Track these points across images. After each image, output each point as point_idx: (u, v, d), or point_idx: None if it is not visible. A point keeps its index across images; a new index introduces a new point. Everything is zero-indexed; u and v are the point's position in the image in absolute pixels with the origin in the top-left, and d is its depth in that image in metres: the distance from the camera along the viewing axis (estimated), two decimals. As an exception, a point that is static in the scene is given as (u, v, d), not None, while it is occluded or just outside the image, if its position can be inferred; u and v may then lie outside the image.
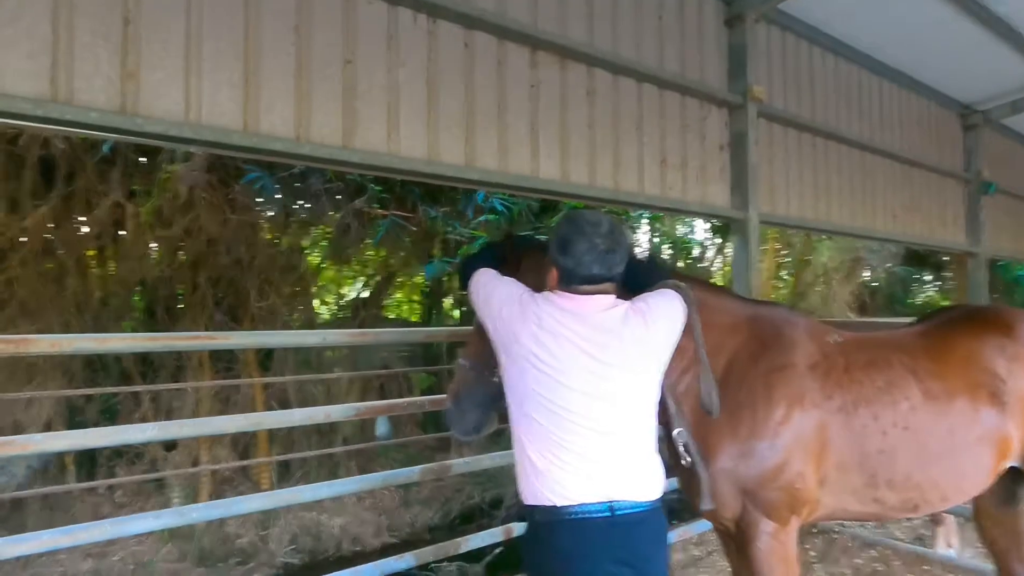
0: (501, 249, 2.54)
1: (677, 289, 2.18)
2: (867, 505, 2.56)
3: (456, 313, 9.02)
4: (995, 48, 6.37)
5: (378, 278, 7.33)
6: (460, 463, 3.50)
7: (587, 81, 4.23)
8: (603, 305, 1.99)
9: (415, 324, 9.16)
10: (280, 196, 5.42)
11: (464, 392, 2.43)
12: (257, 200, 5.52)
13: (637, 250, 2.72)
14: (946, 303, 14.84)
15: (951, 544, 4.72)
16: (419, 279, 8.88)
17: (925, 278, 14.35)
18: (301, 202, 5.69)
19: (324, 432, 6.69)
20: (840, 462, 2.49)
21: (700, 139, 4.94)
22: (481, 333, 2.42)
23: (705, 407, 2.24)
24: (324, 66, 3.17)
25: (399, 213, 5.88)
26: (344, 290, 7.77)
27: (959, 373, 2.54)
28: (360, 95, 3.29)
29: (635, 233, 7.42)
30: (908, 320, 3.55)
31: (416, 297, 9.08)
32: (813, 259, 10.58)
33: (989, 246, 8.14)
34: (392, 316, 8.49)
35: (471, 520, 6.82)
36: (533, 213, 6.00)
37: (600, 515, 1.83)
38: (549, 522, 1.86)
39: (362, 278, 7.41)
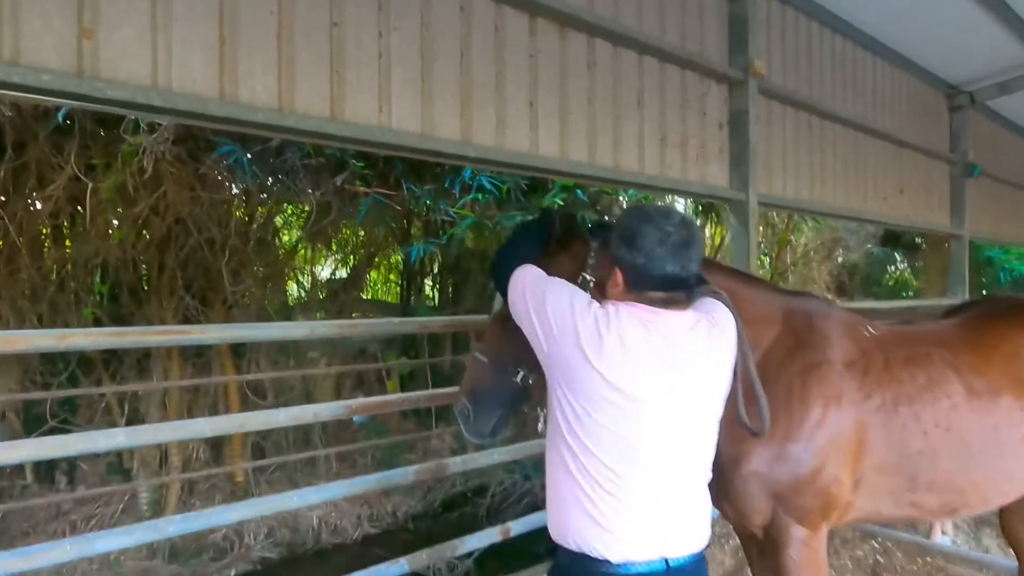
0: (541, 231, 2.30)
1: (717, 297, 1.94)
2: (903, 508, 2.42)
3: (434, 295, 8.75)
4: (987, 27, 6.26)
5: (358, 258, 7.00)
6: (457, 462, 3.28)
7: (587, 52, 3.97)
8: (688, 323, 1.75)
9: (392, 305, 8.87)
10: (255, 171, 5.04)
11: (480, 391, 2.20)
12: (230, 175, 5.14)
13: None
14: (915, 283, 15.02)
15: (944, 532, 4.70)
16: (396, 258, 8.58)
17: (898, 259, 14.50)
18: (278, 178, 5.32)
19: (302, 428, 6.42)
20: (878, 464, 2.34)
21: (700, 116, 4.72)
22: (504, 325, 2.18)
23: (756, 429, 1.97)
24: (309, 29, 2.86)
25: (382, 191, 5.56)
26: (319, 271, 7.41)
27: (1003, 369, 2.40)
28: (349, 63, 2.99)
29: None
30: (907, 304, 3.39)
31: (393, 277, 8.77)
32: (794, 239, 10.54)
33: (971, 228, 8.14)
34: (369, 297, 8.19)
35: (454, 508, 6.64)
36: (522, 192, 5.75)
37: (655, 573, 1.62)
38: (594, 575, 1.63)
39: (340, 258, 7.06)
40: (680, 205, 9.59)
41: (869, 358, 2.39)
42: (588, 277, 2.27)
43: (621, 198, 6.57)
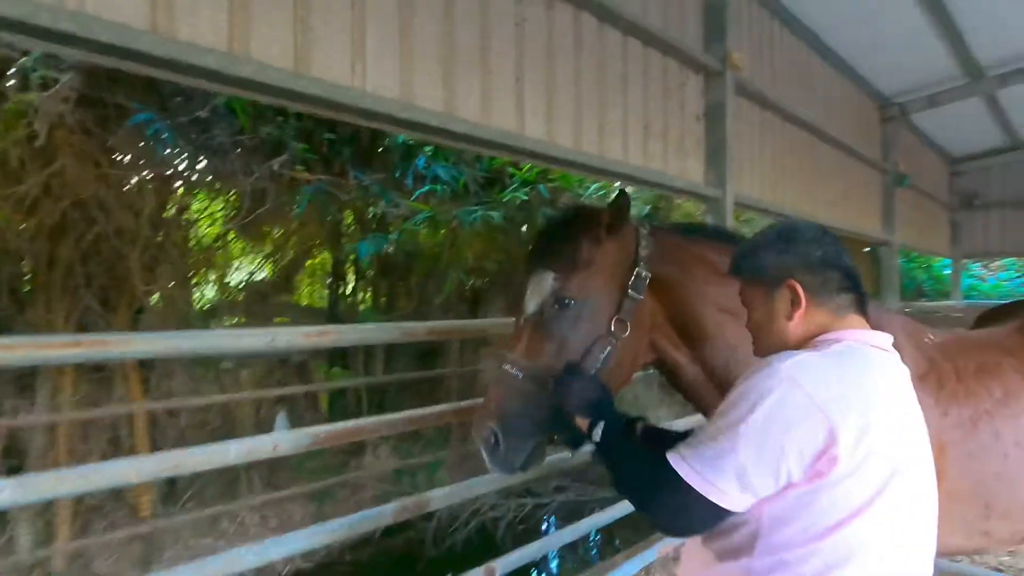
0: (590, 217, 1.85)
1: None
2: (973, 539, 2.12)
3: (365, 297, 8.07)
4: (927, 40, 6.39)
5: (291, 255, 6.25)
6: (440, 496, 2.76)
7: (574, 26, 3.58)
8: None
9: (318, 311, 8.12)
10: (178, 147, 4.26)
11: (512, 414, 1.73)
12: (147, 151, 4.31)
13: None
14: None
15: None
16: (325, 257, 7.85)
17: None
18: (204, 158, 4.53)
19: (220, 439, 5.58)
20: (952, 490, 2.02)
21: (679, 107, 4.43)
22: (542, 328, 1.75)
23: None
24: (269, -42, 2.29)
25: (327, 178, 4.90)
26: (242, 269, 6.57)
27: None
28: (315, 7, 2.43)
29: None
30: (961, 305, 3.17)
31: (321, 275, 8.01)
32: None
33: (900, 236, 8.39)
34: (298, 301, 7.42)
35: (395, 533, 6.02)
36: (480, 185, 5.26)
37: None
38: None
39: (268, 255, 6.27)
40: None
41: (939, 369, 2.08)
42: (643, 273, 1.86)
43: (583, 197, 6.24)
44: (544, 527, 7.04)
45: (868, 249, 10.52)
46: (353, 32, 2.55)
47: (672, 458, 1.26)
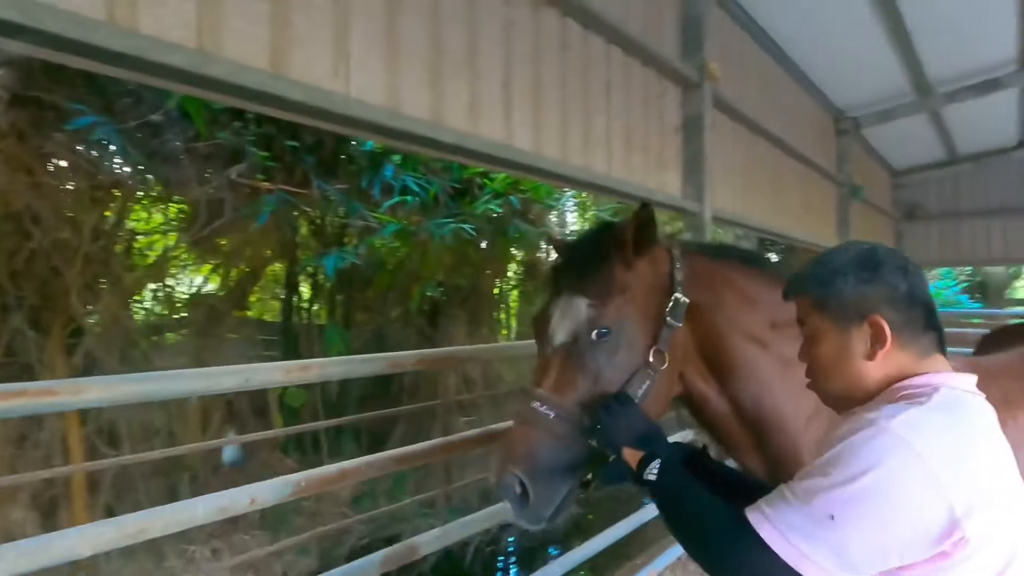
0: (618, 234, 1.66)
1: None
2: None
3: (320, 312, 7.69)
4: (883, 56, 6.53)
5: (244, 268, 5.83)
6: (431, 538, 2.52)
7: (560, 31, 3.42)
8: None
9: (272, 324, 7.69)
10: (127, 153, 3.84)
11: (543, 459, 1.51)
12: (89, 158, 3.87)
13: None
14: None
15: None
16: (276, 268, 7.44)
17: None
18: (156, 166, 4.10)
19: (167, 470, 5.14)
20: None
21: (658, 118, 4.33)
22: (576, 359, 1.56)
23: None
24: (245, -55, 2.03)
25: (288, 188, 4.56)
26: (185, 283, 6.09)
27: None
28: (296, 4, 2.18)
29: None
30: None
31: (274, 288, 7.59)
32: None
33: (854, 247, 8.56)
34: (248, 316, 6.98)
35: (359, 561, 5.67)
36: (450, 196, 5.02)
37: None
38: None
39: (215, 267, 5.83)
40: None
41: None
42: (682, 299, 1.68)
43: (553, 210, 6.09)
44: (511, 549, 6.83)
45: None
46: (336, 30, 2.30)
47: (753, 516, 1.09)
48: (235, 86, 1.96)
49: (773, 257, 12.84)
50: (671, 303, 1.67)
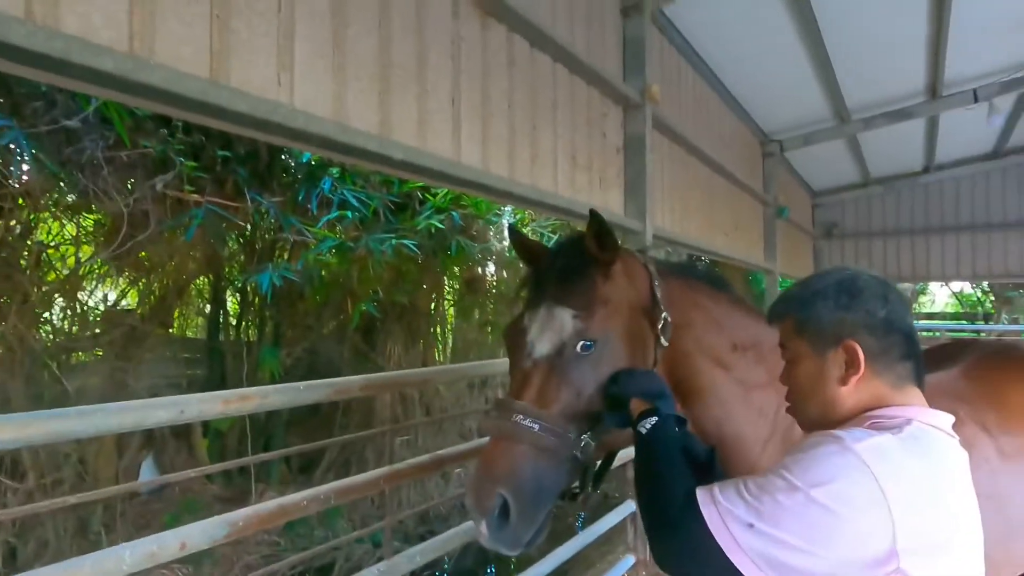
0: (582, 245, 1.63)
1: None
2: None
3: (249, 328, 7.34)
4: (808, 83, 6.88)
5: (167, 283, 5.46)
6: (375, 572, 2.38)
7: (507, 47, 3.39)
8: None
9: (197, 341, 7.27)
10: (39, 161, 3.48)
11: (528, 476, 1.42)
12: None
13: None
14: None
15: None
16: (203, 284, 7.07)
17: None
18: (72, 175, 3.75)
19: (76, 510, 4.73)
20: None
21: (601, 137, 4.36)
22: (559, 369, 1.50)
23: None
24: (182, -57, 1.88)
25: (218, 200, 4.29)
26: (99, 299, 5.64)
27: (1023, 424, 2.18)
28: (238, 9, 2.05)
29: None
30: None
31: (199, 304, 7.19)
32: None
33: (780, 264, 8.93)
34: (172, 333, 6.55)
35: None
36: (391, 211, 4.86)
37: None
38: None
39: (132, 281, 5.42)
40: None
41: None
42: (668, 318, 1.66)
43: (493, 228, 6.03)
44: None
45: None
46: (280, 38, 2.18)
47: (702, 495, 1.10)
48: (171, 94, 1.80)
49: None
50: (662, 322, 1.64)
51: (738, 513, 1.04)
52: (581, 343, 1.52)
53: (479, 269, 7.37)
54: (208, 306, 6.88)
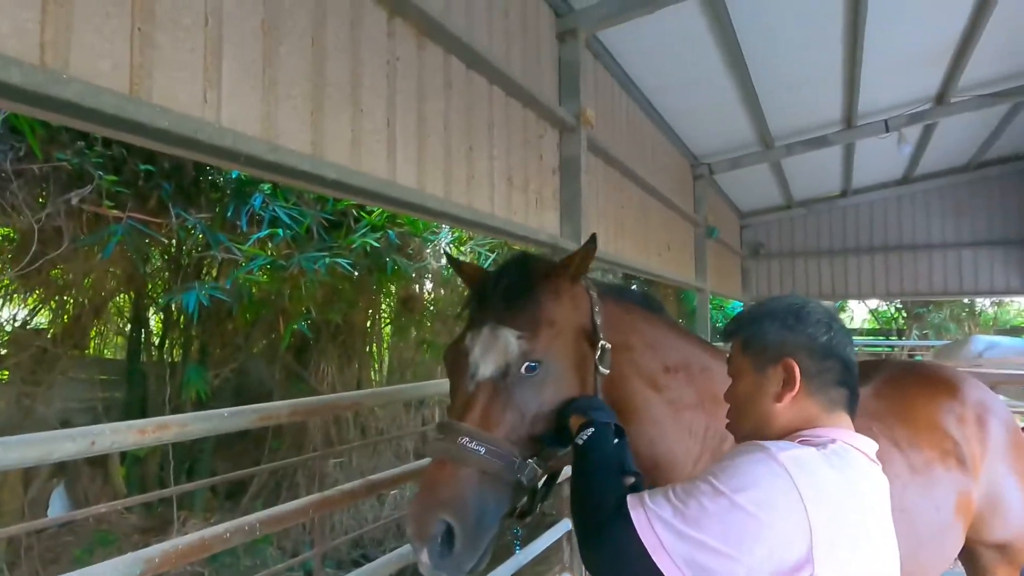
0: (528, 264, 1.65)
1: None
2: None
3: (173, 349, 7.01)
4: (734, 109, 7.19)
5: (83, 302, 5.13)
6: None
7: (444, 69, 3.40)
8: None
9: (116, 362, 6.90)
10: None
11: (475, 499, 1.39)
12: None
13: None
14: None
15: None
16: (122, 302, 6.73)
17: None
18: None
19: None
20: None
21: (538, 159, 4.41)
22: (504, 391, 1.49)
23: None
24: (103, -46, 1.81)
25: (141, 216, 4.08)
26: (6, 317, 5.24)
27: (931, 440, 2.29)
28: (160, 20, 1.98)
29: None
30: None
31: (118, 324, 6.81)
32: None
33: (710, 283, 9.24)
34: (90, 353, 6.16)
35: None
36: (324, 229, 4.75)
37: None
38: None
39: (42, 300, 5.08)
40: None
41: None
42: (607, 345, 1.67)
43: (429, 246, 5.98)
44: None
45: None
46: (207, 55, 2.11)
47: (631, 500, 1.14)
48: (87, 109, 1.72)
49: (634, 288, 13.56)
50: (599, 351, 1.65)
51: (664, 516, 1.08)
52: (526, 364, 1.50)
53: (415, 287, 7.30)
54: (128, 326, 6.53)
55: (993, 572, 2.50)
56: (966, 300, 18.45)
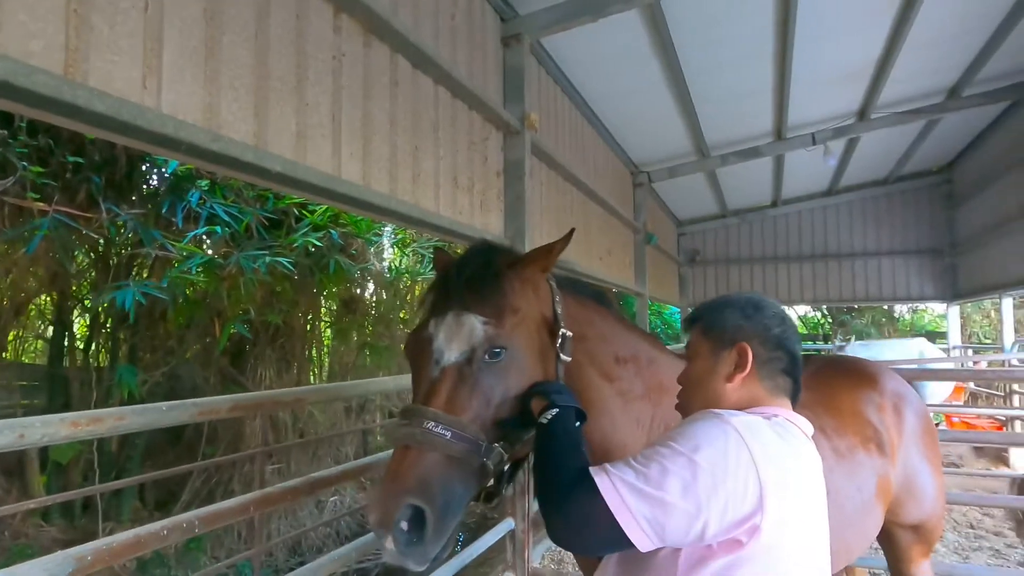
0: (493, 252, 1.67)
1: None
2: None
3: (100, 353, 6.71)
4: (672, 120, 7.44)
5: (1, 303, 4.81)
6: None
7: (390, 68, 3.41)
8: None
9: (34, 367, 6.53)
10: None
11: (443, 483, 1.38)
12: None
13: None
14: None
15: None
16: (44, 303, 6.40)
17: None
18: None
19: None
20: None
21: (483, 161, 4.46)
22: (471, 376, 1.49)
23: None
24: (37, -70, 1.75)
25: (68, 210, 3.87)
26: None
27: (854, 427, 2.46)
28: (98, 5, 1.93)
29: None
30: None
31: (38, 325, 6.46)
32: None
33: (649, 288, 9.47)
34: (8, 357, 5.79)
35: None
36: (265, 227, 4.63)
37: None
38: None
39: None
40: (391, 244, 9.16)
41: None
42: (568, 333, 1.70)
43: (373, 247, 5.90)
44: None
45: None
46: (147, 40, 2.07)
47: (595, 469, 1.19)
48: (20, 89, 1.66)
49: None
50: (560, 339, 1.68)
51: (627, 479, 1.14)
52: (491, 350, 1.51)
53: (358, 289, 7.20)
54: (51, 328, 6.20)
55: (909, 551, 2.68)
56: (886, 306, 19.54)
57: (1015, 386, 9.04)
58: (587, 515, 1.14)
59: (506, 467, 1.63)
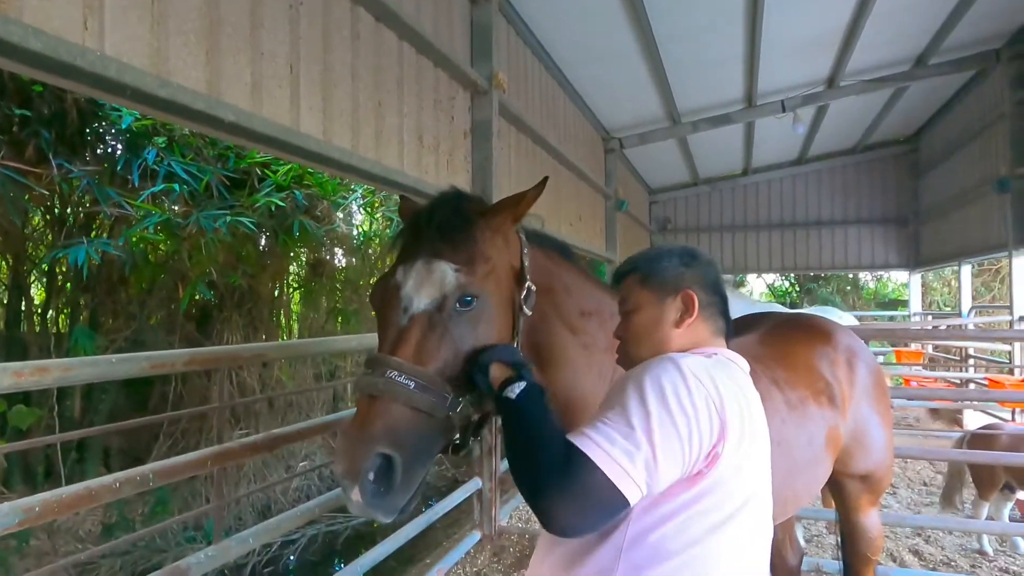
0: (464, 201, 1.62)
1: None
2: None
3: (59, 317, 6.55)
4: (645, 85, 7.41)
5: None
6: (203, 559, 2.23)
7: (351, 20, 3.32)
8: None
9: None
10: None
11: (409, 433, 1.35)
12: None
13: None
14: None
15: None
16: (-1, 267, 6.20)
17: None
18: None
19: None
20: None
21: (449, 120, 4.39)
22: (439, 326, 1.45)
23: None
24: None
25: (16, 165, 3.71)
26: None
27: (806, 380, 2.52)
28: (30, -66, 1.82)
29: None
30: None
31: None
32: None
33: (620, 255, 9.51)
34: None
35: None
36: (226, 187, 4.50)
37: None
38: None
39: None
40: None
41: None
42: (532, 287, 1.68)
43: (339, 209, 5.79)
44: (291, 568, 6.42)
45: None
46: (86, -23, 1.97)
47: (578, 440, 1.14)
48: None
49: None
50: (524, 291, 1.65)
51: (616, 439, 1.12)
52: (462, 298, 1.47)
53: (327, 255, 7.10)
54: (6, 293, 6.02)
55: (857, 500, 2.78)
56: (851, 275, 19.95)
57: (970, 350, 9.32)
58: (587, 489, 1.10)
59: (474, 419, 1.61)
